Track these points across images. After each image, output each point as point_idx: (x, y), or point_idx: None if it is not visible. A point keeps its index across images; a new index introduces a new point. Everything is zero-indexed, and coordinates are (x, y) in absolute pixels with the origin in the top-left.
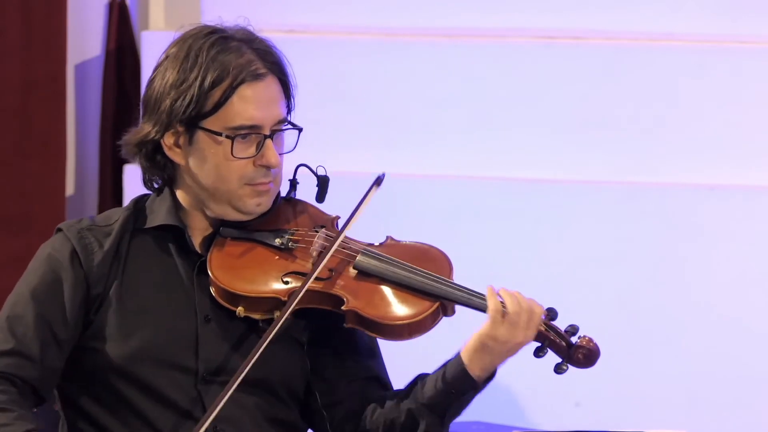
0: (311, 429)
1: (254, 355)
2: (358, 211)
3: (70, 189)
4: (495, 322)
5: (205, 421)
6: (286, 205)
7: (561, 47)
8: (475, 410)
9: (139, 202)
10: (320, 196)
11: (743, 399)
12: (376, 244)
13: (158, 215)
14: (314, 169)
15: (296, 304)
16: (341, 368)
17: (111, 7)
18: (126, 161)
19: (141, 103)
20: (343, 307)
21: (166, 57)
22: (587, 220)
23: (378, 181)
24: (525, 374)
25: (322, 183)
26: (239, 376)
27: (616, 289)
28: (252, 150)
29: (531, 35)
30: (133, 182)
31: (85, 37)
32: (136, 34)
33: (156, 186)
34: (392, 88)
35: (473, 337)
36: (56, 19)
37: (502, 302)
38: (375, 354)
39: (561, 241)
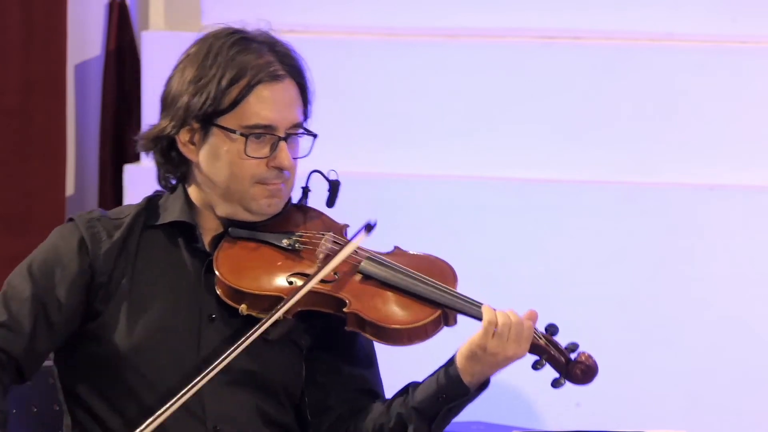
0: None
1: (244, 342)
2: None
3: (70, 189)
4: (486, 333)
5: (180, 398)
6: (296, 211)
7: (561, 47)
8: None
9: (153, 199)
10: (330, 201)
11: (743, 399)
12: (384, 252)
13: (171, 212)
14: (326, 174)
15: (299, 305)
16: (336, 375)
17: (111, 7)
18: (126, 161)
19: (160, 101)
20: (344, 309)
21: (187, 55)
22: (587, 220)
23: (368, 228)
24: (525, 374)
25: (333, 187)
26: (224, 361)
27: (616, 288)
28: (266, 150)
29: (531, 35)
30: (133, 182)
31: (85, 37)
32: (136, 34)
33: (172, 183)
34: (392, 88)
35: (465, 344)
36: (56, 19)
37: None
38: (372, 365)
39: (560, 241)
